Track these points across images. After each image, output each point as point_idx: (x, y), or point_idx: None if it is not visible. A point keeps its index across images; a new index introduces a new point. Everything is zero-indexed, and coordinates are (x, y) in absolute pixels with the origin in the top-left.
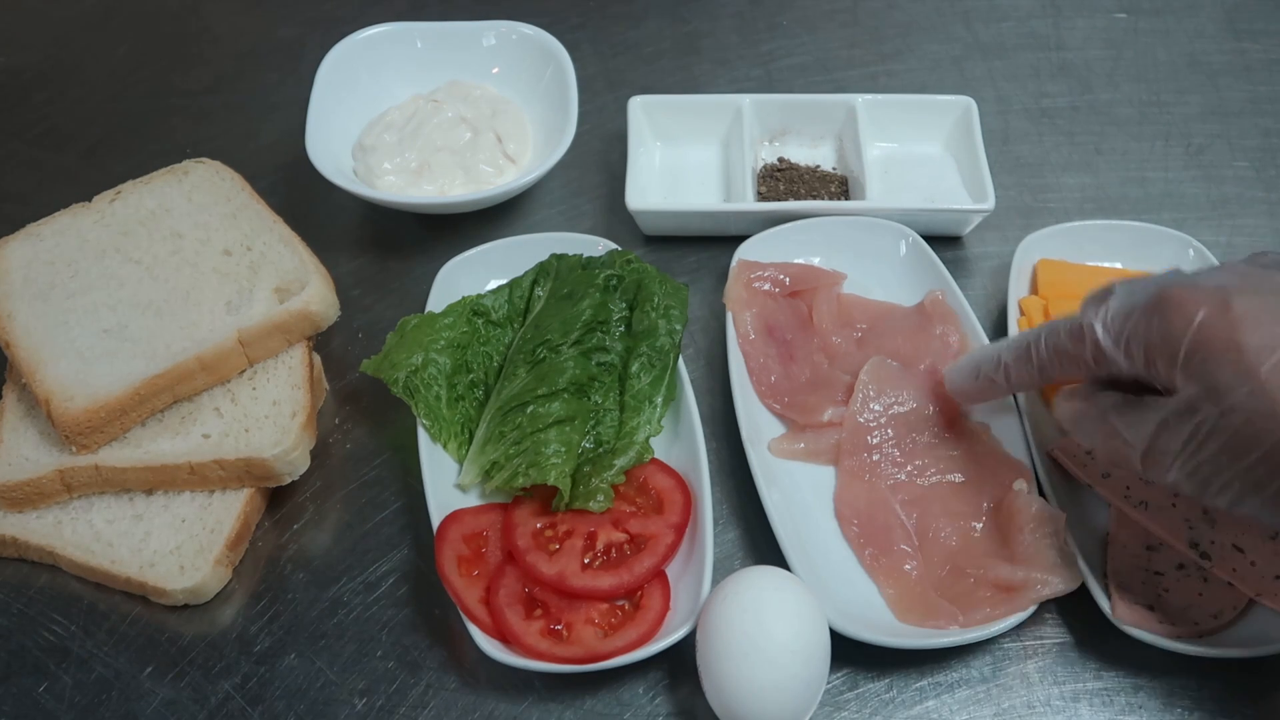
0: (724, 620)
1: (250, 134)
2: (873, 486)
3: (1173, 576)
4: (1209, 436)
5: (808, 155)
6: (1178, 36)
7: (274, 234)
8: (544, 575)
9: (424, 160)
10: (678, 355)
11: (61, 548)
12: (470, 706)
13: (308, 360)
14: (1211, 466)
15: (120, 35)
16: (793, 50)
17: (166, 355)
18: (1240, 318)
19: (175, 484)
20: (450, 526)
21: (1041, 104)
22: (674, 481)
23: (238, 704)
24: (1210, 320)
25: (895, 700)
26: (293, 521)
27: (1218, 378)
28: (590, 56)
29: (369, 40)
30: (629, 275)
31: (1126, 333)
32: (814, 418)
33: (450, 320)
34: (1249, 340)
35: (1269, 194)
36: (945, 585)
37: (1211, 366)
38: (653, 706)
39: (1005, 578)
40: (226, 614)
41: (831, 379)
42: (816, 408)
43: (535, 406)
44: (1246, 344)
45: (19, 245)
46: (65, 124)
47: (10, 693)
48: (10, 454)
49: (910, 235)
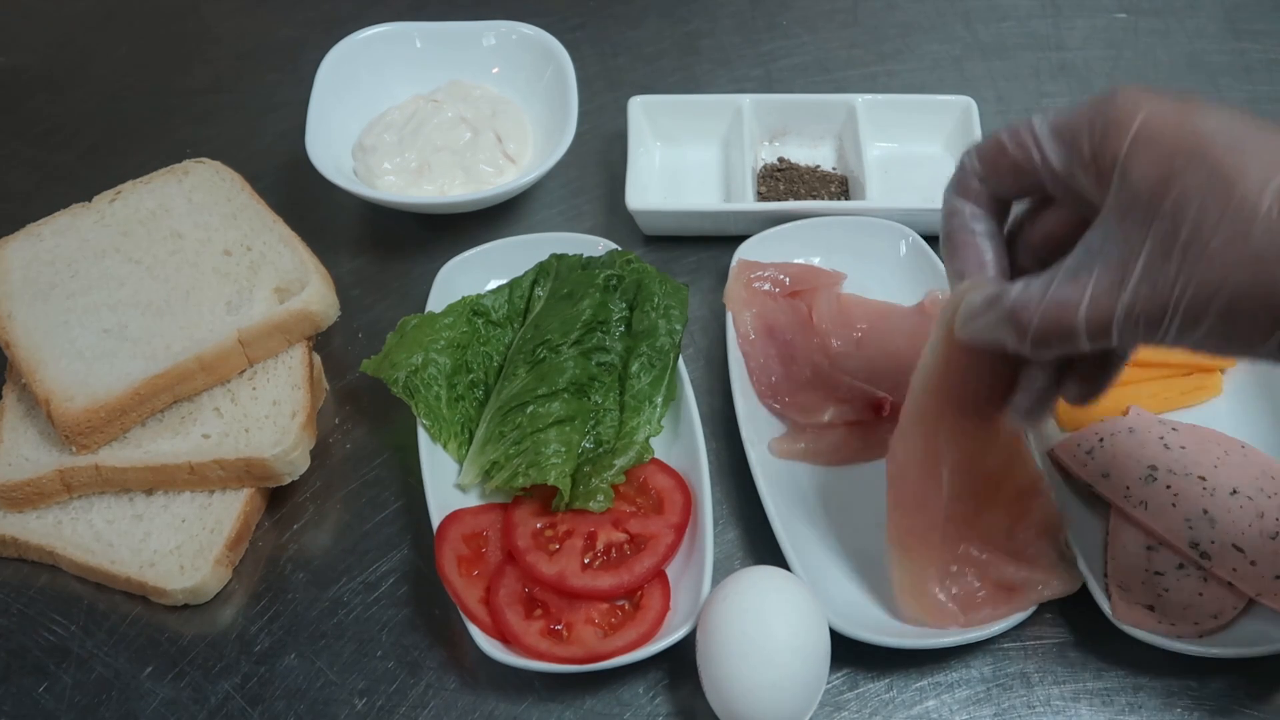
0: (724, 620)
1: (250, 134)
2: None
3: (1173, 576)
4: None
5: (808, 155)
6: (1178, 36)
7: (274, 234)
8: (544, 575)
9: (424, 160)
10: (678, 355)
11: (61, 548)
12: (470, 706)
13: (308, 360)
14: (1166, 288)
15: (120, 35)
16: (793, 50)
17: (166, 355)
18: (1197, 107)
19: (175, 484)
20: (450, 526)
21: (1041, 104)
22: (674, 481)
23: (238, 704)
24: (1160, 102)
25: (895, 700)
26: (293, 521)
27: (1170, 166)
28: (590, 56)
29: (369, 40)
30: (629, 275)
31: (1067, 122)
32: (814, 418)
33: (450, 320)
34: (1208, 124)
35: None
36: (954, 578)
37: (1162, 153)
38: (653, 706)
39: (1008, 578)
40: (226, 614)
41: (831, 379)
42: (816, 408)
43: (535, 406)
44: (1204, 127)
45: (19, 245)
46: (65, 124)
47: (10, 693)
48: (10, 454)
49: (910, 235)
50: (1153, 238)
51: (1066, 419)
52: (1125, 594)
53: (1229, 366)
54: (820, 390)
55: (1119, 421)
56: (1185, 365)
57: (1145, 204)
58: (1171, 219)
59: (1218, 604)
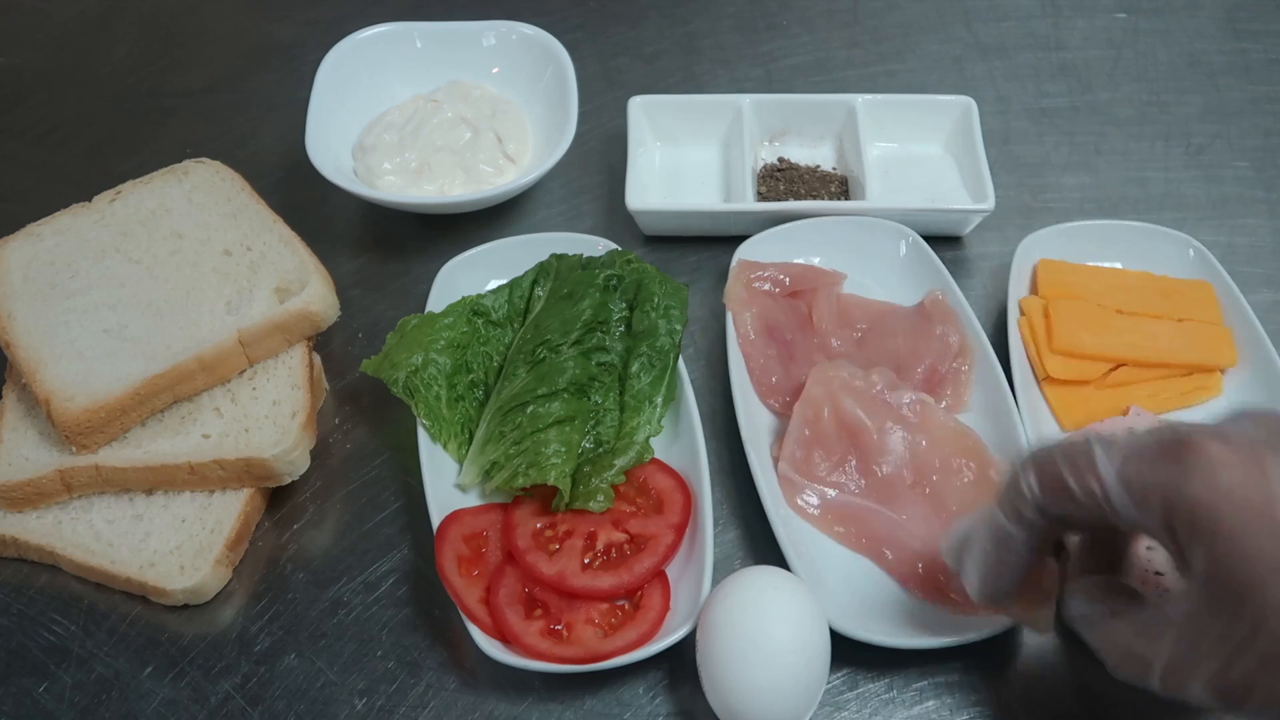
0: (724, 620)
1: (250, 134)
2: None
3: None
4: (1243, 646)
5: (808, 155)
6: (1178, 36)
7: (274, 234)
8: (544, 575)
9: (424, 160)
10: (678, 355)
11: (61, 548)
12: (470, 706)
13: (308, 360)
14: (1245, 680)
15: (120, 35)
16: (793, 50)
17: (166, 355)
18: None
19: (175, 484)
20: (450, 526)
21: (1041, 104)
22: (674, 481)
23: (238, 704)
24: (1244, 485)
25: (895, 700)
26: (293, 521)
27: (1254, 570)
28: (590, 56)
29: (369, 40)
30: (629, 275)
31: (1140, 480)
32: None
33: (450, 320)
34: None
35: (1269, 194)
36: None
37: (1246, 552)
38: (653, 706)
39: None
40: (226, 614)
41: None
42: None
43: (535, 406)
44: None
45: (19, 245)
46: (65, 124)
47: (10, 693)
48: (10, 454)
49: (910, 235)
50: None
51: (1066, 419)
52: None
53: (1229, 366)
54: None
55: (1119, 421)
56: (1185, 365)
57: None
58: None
59: None
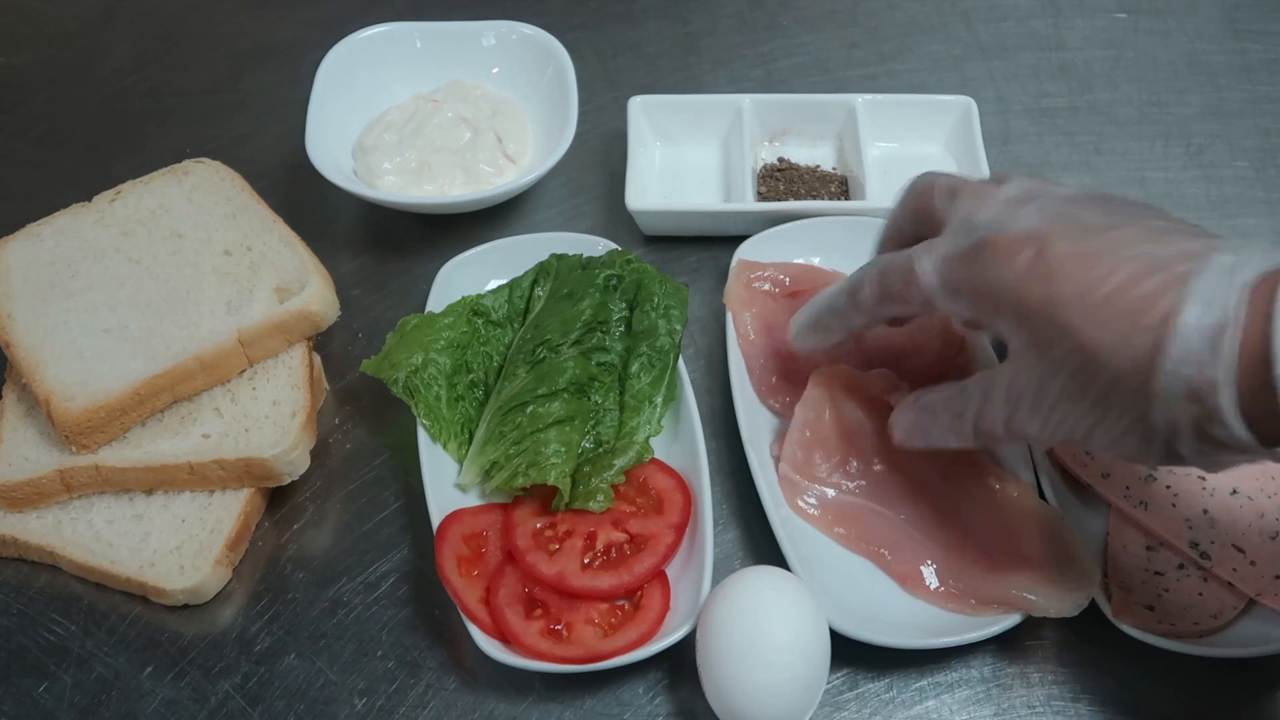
0: (724, 620)
1: (250, 134)
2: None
3: (1173, 576)
4: (1043, 388)
5: (808, 155)
6: (1178, 36)
7: (274, 234)
8: (544, 575)
9: (424, 160)
10: (678, 355)
11: (61, 548)
12: (470, 706)
13: (308, 360)
14: (1051, 411)
15: (120, 35)
16: (793, 50)
17: (166, 355)
18: (1055, 270)
19: (175, 484)
20: (450, 526)
21: (1041, 104)
22: (674, 481)
23: (238, 704)
24: (1027, 274)
25: (895, 700)
26: (293, 521)
27: (1041, 334)
28: (590, 56)
29: (369, 40)
30: (629, 275)
31: (954, 281)
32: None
33: (450, 320)
34: (1064, 291)
35: (1269, 194)
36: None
37: (1035, 323)
38: (653, 706)
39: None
40: (226, 614)
41: None
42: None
43: (535, 406)
44: (1061, 297)
45: (19, 245)
46: (65, 124)
47: (10, 693)
48: (10, 454)
49: None
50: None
51: None
52: (1125, 594)
53: None
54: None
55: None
56: None
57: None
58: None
59: (1218, 604)
